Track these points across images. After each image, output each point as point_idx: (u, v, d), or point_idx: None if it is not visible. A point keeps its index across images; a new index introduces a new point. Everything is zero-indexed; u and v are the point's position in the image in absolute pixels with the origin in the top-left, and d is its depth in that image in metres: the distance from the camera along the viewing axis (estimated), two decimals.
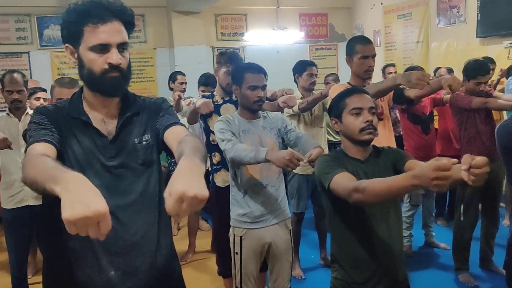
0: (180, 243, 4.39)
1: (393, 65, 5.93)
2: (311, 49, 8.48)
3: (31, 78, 6.99)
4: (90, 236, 1.02)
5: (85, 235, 1.01)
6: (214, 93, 3.31)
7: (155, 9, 7.50)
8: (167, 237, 1.63)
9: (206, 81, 4.56)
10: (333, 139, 4.97)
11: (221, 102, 3.20)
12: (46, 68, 7.09)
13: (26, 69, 6.99)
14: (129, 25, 1.51)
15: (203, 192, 1.06)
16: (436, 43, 6.75)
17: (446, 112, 4.41)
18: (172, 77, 5.19)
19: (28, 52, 7.02)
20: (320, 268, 4.09)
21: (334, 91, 2.86)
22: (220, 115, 3.25)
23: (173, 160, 4.89)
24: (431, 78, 2.61)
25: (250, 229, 2.52)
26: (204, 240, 4.70)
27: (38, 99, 3.93)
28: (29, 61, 7.05)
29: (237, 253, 2.55)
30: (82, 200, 1.00)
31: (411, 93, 2.87)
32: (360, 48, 2.84)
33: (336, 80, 5.60)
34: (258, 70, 2.52)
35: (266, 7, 8.09)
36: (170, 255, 1.65)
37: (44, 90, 4.25)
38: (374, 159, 1.94)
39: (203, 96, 3.39)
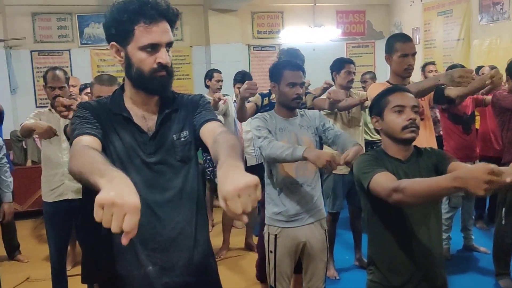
0: (214, 240, 4.38)
1: (433, 63, 5.79)
2: (348, 47, 8.38)
3: (71, 75, 7.19)
4: (111, 229, 1.03)
5: (108, 226, 1.02)
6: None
7: (192, 7, 7.57)
8: (204, 234, 1.63)
9: (243, 79, 4.50)
10: (370, 139, 4.90)
11: None
12: (86, 65, 7.26)
13: (67, 66, 7.17)
14: (173, 24, 1.53)
15: (250, 178, 1.06)
16: (477, 40, 6.55)
17: (487, 112, 4.28)
18: (209, 75, 5.21)
19: (69, 50, 7.21)
20: (355, 269, 4.03)
21: (373, 90, 2.81)
22: None
23: (208, 156, 4.91)
24: (474, 75, 2.53)
25: (285, 228, 2.50)
26: (238, 238, 4.70)
27: (87, 94, 4.01)
28: (70, 58, 7.23)
29: (271, 252, 2.54)
30: (119, 190, 1.03)
31: (452, 92, 2.78)
32: (399, 46, 2.77)
33: (373, 78, 5.51)
34: (296, 67, 2.50)
35: (303, 4, 8.04)
36: (207, 251, 1.65)
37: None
38: (415, 159, 1.89)
39: (260, 95, 3.39)
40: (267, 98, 3.38)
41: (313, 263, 2.58)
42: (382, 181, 1.67)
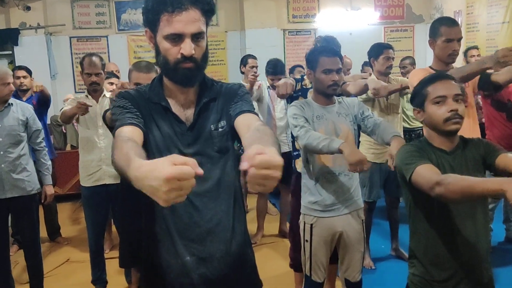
0: (249, 226, 4.37)
1: (476, 47, 5.56)
2: (386, 31, 8.15)
3: (109, 60, 7.29)
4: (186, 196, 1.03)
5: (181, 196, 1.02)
6: (305, 77, 3.25)
7: None
8: (241, 224, 1.62)
9: (274, 70, 4.41)
10: (408, 126, 4.77)
11: (310, 86, 3.13)
12: (123, 51, 7.34)
13: (105, 53, 7.28)
14: (208, 12, 1.48)
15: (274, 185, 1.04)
16: None
17: None
18: (243, 61, 5.17)
19: (106, 36, 7.30)
20: (391, 258, 3.97)
21: (415, 76, 2.71)
22: (306, 98, 3.19)
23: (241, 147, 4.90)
24: None
25: (321, 218, 2.47)
26: (272, 224, 4.70)
27: (111, 83, 4.05)
28: (108, 44, 7.32)
29: (307, 241, 2.51)
30: (153, 186, 1.01)
31: (499, 78, 2.64)
32: (445, 30, 2.66)
33: (413, 64, 5.35)
34: (333, 53, 2.43)
35: None
36: (244, 242, 1.63)
37: (117, 77, 4.39)
38: (461, 150, 1.81)
39: (295, 79, 3.35)
40: (299, 83, 3.32)
41: (350, 253, 2.54)
42: (426, 173, 1.60)
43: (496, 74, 2.64)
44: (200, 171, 1.02)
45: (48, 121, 6.24)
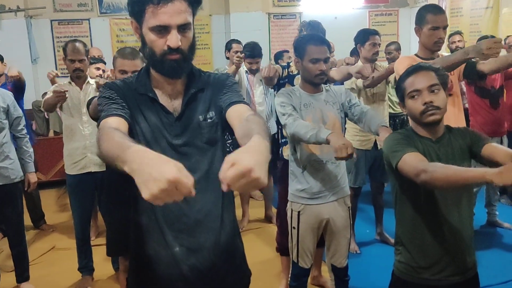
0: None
1: (459, 32, 5.59)
2: (371, 15, 8.15)
3: (91, 45, 7.17)
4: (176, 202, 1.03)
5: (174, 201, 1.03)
6: (291, 63, 3.24)
7: None
8: (230, 215, 1.62)
9: (252, 53, 4.32)
10: (393, 111, 4.80)
11: (297, 72, 3.11)
12: (106, 35, 7.23)
13: (87, 36, 7.15)
14: (194, 3, 1.46)
15: (264, 180, 1.05)
16: (507, 9, 6.30)
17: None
18: (228, 46, 5.13)
19: (88, 19, 7.16)
20: (376, 243, 4.03)
21: (400, 64, 2.72)
22: (293, 84, 3.20)
23: (233, 137, 4.89)
24: (502, 45, 2.41)
25: (308, 205, 2.49)
26: (257, 209, 4.72)
27: (98, 69, 3.99)
28: (90, 28, 7.19)
29: (294, 228, 2.53)
30: (152, 175, 1.00)
31: (484, 67, 2.67)
32: (431, 18, 2.66)
33: (398, 49, 5.37)
34: (320, 41, 2.42)
35: None
36: (233, 232, 1.64)
37: (104, 62, 4.32)
38: (447, 139, 1.83)
39: (280, 65, 3.33)
40: (286, 69, 3.31)
41: (336, 240, 2.57)
42: (412, 161, 1.63)
43: (481, 63, 2.66)
44: (193, 192, 1.04)
45: (30, 107, 6.17)
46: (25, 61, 6.69)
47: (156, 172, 1.00)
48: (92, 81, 3.43)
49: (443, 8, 7.37)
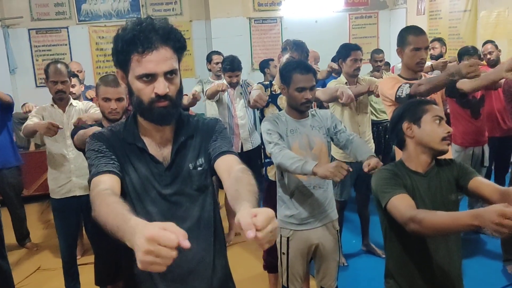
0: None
1: (439, 39, 5.65)
2: (351, 18, 8.18)
3: (70, 52, 7.08)
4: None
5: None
6: (273, 82, 3.24)
7: None
8: (222, 259, 1.63)
9: (231, 66, 4.30)
10: (375, 119, 4.85)
11: (279, 92, 3.12)
12: (85, 43, 7.12)
13: (66, 44, 7.05)
14: (180, 49, 1.46)
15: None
16: (485, 12, 6.39)
17: (492, 93, 4.20)
18: (208, 58, 5.12)
19: (67, 27, 7.04)
20: (362, 254, 4.07)
21: (385, 85, 2.76)
22: (277, 105, 3.20)
23: None
24: (480, 65, 2.44)
25: (297, 231, 2.50)
26: None
27: (73, 86, 3.91)
28: (68, 36, 7.07)
29: (283, 253, 2.55)
30: (137, 243, 1.00)
31: (464, 86, 2.71)
32: (412, 39, 2.69)
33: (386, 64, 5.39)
34: (306, 70, 2.43)
35: None
36: (225, 276, 1.64)
37: (76, 76, 4.24)
38: (436, 172, 1.87)
39: (262, 84, 3.33)
40: (268, 89, 3.32)
41: (326, 263, 2.59)
42: (400, 206, 1.65)
43: (461, 82, 2.70)
44: (187, 244, 1.01)
45: None
46: (3, 71, 6.57)
47: (138, 238, 1.00)
48: (75, 103, 3.39)
49: (422, 11, 7.48)
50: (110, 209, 1.20)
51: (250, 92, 3.22)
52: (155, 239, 0.98)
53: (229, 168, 1.43)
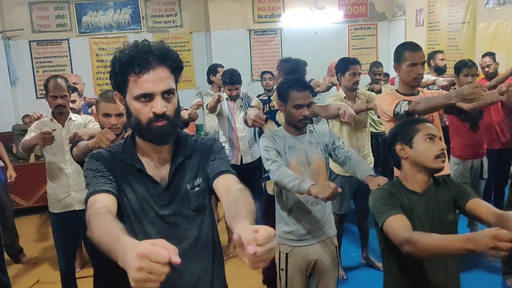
0: (221, 236, 4.41)
1: (441, 51, 5.66)
2: (350, 29, 8.23)
3: (71, 64, 7.12)
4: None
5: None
6: (272, 97, 3.25)
7: None
8: (220, 280, 1.63)
9: (231, 79, 4.32)
10: (375, 131, 4.86)
11: (277, 108, 3.14)
12: (86, 54, 7.17)
13: (66, 56, 7.10)
14: (176, 69, 1.48)
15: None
16: (483, 24, 6.42)
17: (492, 105, 4.20)
18: (213, 70, 5.10)
19: (67, 39, 7.09)
20: (362, 267, 4.06)
21: (383, 101, 2.77)
22: (276, 121, 3.22)
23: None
24: (485, 89, 2.46)
25: (296, 247, 2.50)
26: None
27: (73, 101, 3.92)
28: (69, 47, 7.12)
29: (282, 269, 2.55)
30: (128, 261, 1.01)
31: (463, 105, 2.73)
32: (409, 55, 2.71)
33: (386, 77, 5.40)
34: (304, 87, 2.45)
35: None
36: None
37: (76, 89, 4.26)
38: (433, 191, 1.87)
39: (261, 101, 3.35)
40: (267, 105, 3.34)
41: (324, 279, 2.59)
42: (396, 227, 1.65)
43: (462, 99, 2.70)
44: (177, 260, 1.00)
45: (9, 129, 6.08)
46: (4, 83, 6.61)
47: (130, 256, 1.00)
48: (74, 117, 3.40)
49: (421, 22, 7.52)
50: (104, 228, 1.20)
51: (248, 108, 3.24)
52: (146, 255, 0.98)
53: (228, 187, 1.44)
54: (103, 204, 1.37)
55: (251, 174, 4.43)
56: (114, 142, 1.95)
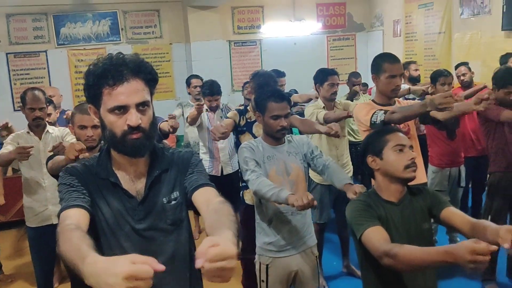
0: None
1: (414, 62, 5.77)
2: (329, 40, 8.33)
3: (49, 76, 7.04)
4: None
5: None
6: (248, 108, 3.26)
7: (171, 3, 7.43)
8: None
9: (211, 90, 4.33)
10: (354, 140, 4.91)
11: (254, 119, 3.15)
12: (64, 66, 7.12)
13: (44, 68, 7.03)
14: (151, 81, 1.47)
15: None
16: (459, 34, 6.55)
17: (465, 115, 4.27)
18: (187, 82, 5.14)
19: (45, 51, 7.02)
20: (343, 276, 4.07)
21: (359, 111, 2.80)
22: (252, 133, 3.23)
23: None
24: (456, 97, 2.48)
25: (277, 258, 2.50)
26: None
27: (49, 114, 3.87)
28: (47, 59, 7.05)
29: (263, 281, 2.54)
30: (109, 283, 0.98)
31: (438, 114, 2.77)
32: (388, 67, 2.74)
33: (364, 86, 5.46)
34: (281, 98, 2.46)
35: None
36: None
37: (52, 102, 4.20)
38: (408, 200, 1.89)
39: (238, 111, 3.35)
40: (243, 116, 3.35)
41: None
42: (374, 239, 1.66)
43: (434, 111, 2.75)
44: (161, 267, 1.00)
45: None
46: None
47: (111, 278, 0.98)
48: (51, 130, 3.36)
49: (398, 32, 7.64)
50: (70, 244, 1.18)
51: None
52: (132, 276, 0.96)
53: (208, 200, 1.43)
54: (74, 219, 1.34)
55: (232, 185, 4.42)
56: (91, 155, 1.92)
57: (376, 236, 1.67)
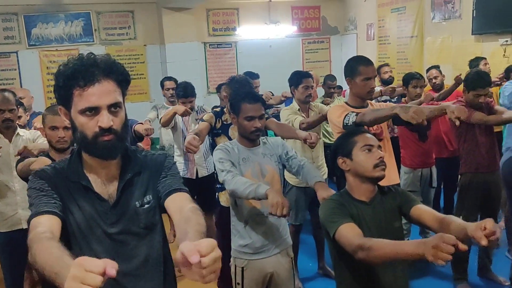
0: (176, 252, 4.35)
1: (387, 64, 5.86)
2: (304, 43, 8.39)
3: (20, 77, 6.90)
4: None
5: None
6: (225, 110, 3.25)
7: (145, 5, 7.37)
8: None
9: (185, 93, 4.27)
10: (329, 142, 4.94)
11: (230, 122, 3.14)
12: (35, 67, 7.00)
13: (15, 69, 6.90)
14: (123, 82, 1.45)
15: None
16: (430, 38, 6.69)
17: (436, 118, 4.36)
18: (161, 84, 5.11)
19: (16, 52, 6.89)
20: (319, 277, 4.09)
21: (333, 114, 2.82)
22: (228, 135, 3.21)
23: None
24: (427, 114, 2.48)
25: (252, 260, 2.49)
26: None
27: (19, 117, 3.79)
28: (18, 60, 6.92)
29: (238, 284, 2.52)
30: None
31: (407, 117, 2.80)
32: (363, 69, 2.76)
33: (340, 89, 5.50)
34: (255, 99, 2.46)
35: (258, 1, 7.96)
36: None
37: (22, 104, 4.11)
38: (379, 200, 1.92)
39: (214, 113, 3.33)
40: (219, 119, 3.34)
41: None
42: (348, 235, 1.68)
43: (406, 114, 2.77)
44: (112, 273, 0.96)
45: None
46: None
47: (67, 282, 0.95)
48: (22, 132, 3.28)
49: (372, 36, 7.74)
50: (48, 254, 1.15)
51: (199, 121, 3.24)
52: (81, 264, 0.94)
53: (180, 207, 1.41)
54: (46, 227, 1.31)
55: (208, 187, 4.39)
56: (62, 157, 1.89)
57: (350, 232, 1.70)
